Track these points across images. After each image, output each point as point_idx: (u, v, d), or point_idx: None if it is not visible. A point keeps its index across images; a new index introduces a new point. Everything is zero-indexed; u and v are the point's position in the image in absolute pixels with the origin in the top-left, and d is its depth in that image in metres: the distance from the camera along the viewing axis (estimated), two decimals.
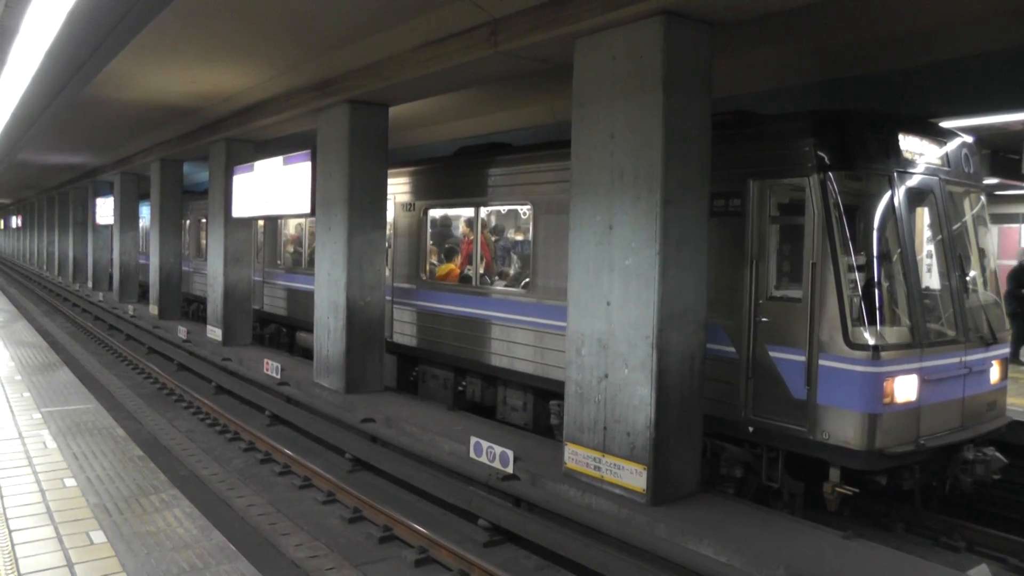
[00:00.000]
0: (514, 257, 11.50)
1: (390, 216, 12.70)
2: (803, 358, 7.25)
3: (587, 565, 6.63)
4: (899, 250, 7.39)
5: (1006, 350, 8.40)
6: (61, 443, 7.21)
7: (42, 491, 5.90)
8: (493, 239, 11.78)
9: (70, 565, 4.64)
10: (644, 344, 7.09)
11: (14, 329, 16.05)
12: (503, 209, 11.46)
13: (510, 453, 8.15)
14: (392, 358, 13.00)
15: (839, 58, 10.11)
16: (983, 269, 8.50)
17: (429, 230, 12.45)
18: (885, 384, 6.91)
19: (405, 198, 12.74)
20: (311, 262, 14.53)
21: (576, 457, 7.82)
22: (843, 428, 6.97)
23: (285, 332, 17.62)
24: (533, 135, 14.30)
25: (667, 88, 6.95)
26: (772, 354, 7.52)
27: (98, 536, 5.08)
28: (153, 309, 22.05)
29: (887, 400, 6.92)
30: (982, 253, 8.53)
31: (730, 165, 7.79)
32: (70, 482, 6.13)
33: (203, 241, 21.60)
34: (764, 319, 7.61)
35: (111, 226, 28.29)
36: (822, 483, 7.29)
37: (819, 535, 6.62)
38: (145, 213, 25.99)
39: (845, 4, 8.02)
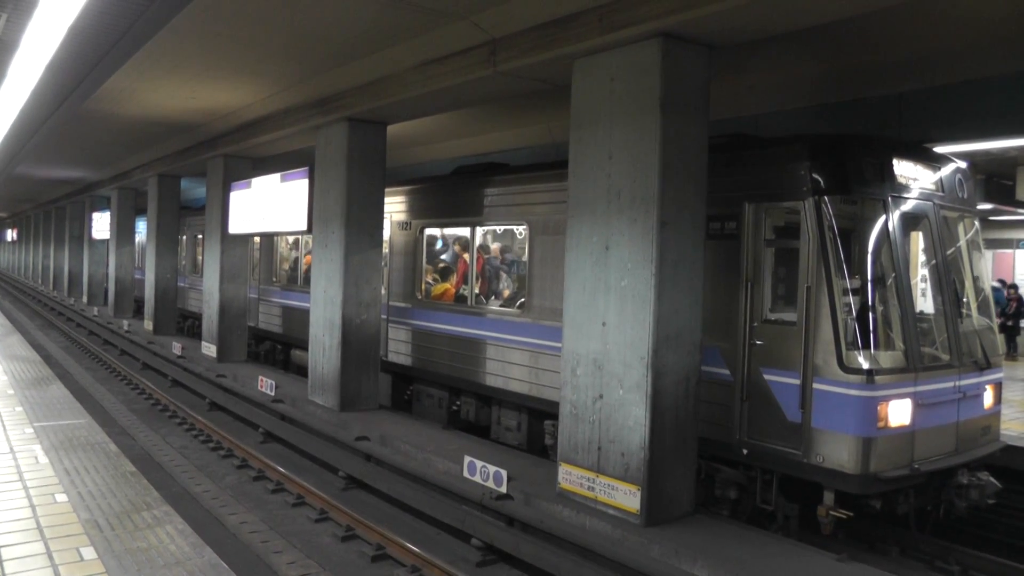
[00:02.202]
0: (510, 277, 11.51)
1: (387, 234, 12.71)
2: (798, 381, 7.25)
3: None
4: (893, 274, 7.42)
5: (1000, 374, 8.41)
6: (53, 458, 7.18)
7: (33, 506, 5.86)
8: (489, 258, 11.79)
9: None
10: (639, 365, 7.10)
11: (8, 343, 16.01)
12: (499, 229, 11.48)
13: (504, 472, 8.13)
14: (387, 377, 12.97)
15: (836, 82, 10.18)
16: (977, 293, 8.54)
17: (425, 249, 12.46)
18: (879, 408, 6.92)
19: (402, 217, 12.76)
20: (307, 279, 14.53)
21: (570, 477, 7.80)
22: (837, 451, 6.97)
23: (280, 349, 17.60)
24: (531, 155, 14.35)
25: (665, 110, 7.00)
26: (767, 377, 7.53)
27: (89, 552, 5.05)
28: (148, 324, 22.01)
29: (881, 424, 6.92)
30: (976, 279, 8.57)
31: (726, 188, 7.82)
32: (61, 497, 6.10)
33: (199, 257, 21.62)
34: (759, 342, 7.62)
35: (107, 241, 28.29)
36: (816, 506, 7.28)
37: (813, 558, 6.60)
38: (142, 228, 26.00)
39: (843, 30, 8.08)
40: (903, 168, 7.69)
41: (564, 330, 7.95)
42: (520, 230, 10.77)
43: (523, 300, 10.43)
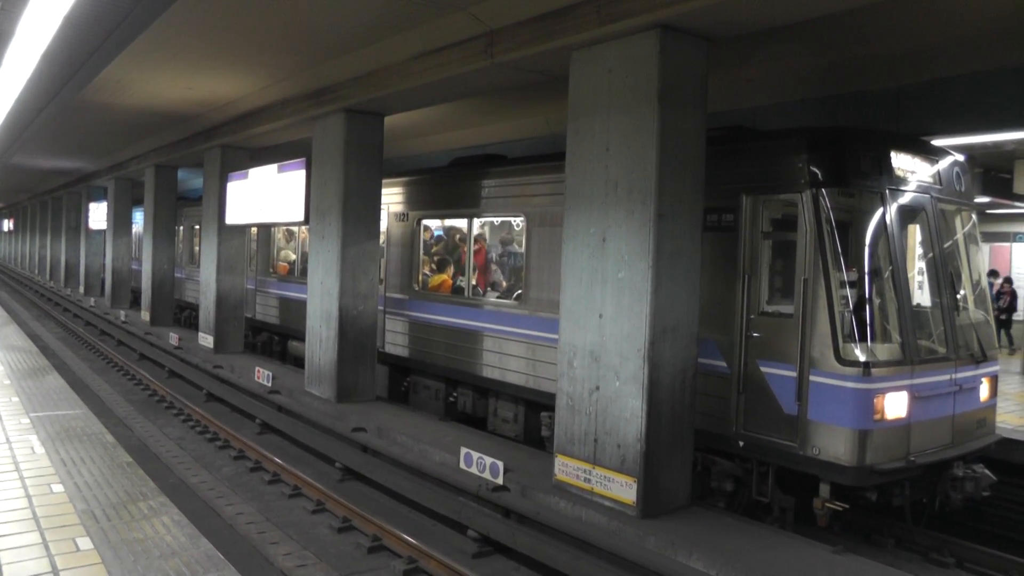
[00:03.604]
0: (507, 269, 11.51)
1: (384, 226, 12.70)
2: (794, 373, 7.26)
3: None
4: (890, 267, 7.42)
5: (996, 367, 8.43)
6: (49, 448, 7.17)
7: (29, 496, 5.85)
8: (486, 250, 11.79)
9: (56, 572, 4.61)
10: (636, 357, 7.10)
11: (4, 333, 15.97)
12: (497, 220, 11.47)
13: (500, 464, 8.14)
14: (384, 368, 12.97)
15: (834, 75, 10.17)
16: (974, 287, 8.54)
17: (422, 240, 12.45)
18: (875, 400, 6.93)
19: (399, 208, 12.74)
20: (303, 271, 14.52)
21: (566, 469, 7.81)
22: (833, 444, 6.98)
23: (277, 340, 17.58)
24: (528, 147, 14.32)
25: (662, 102, 6.98)
26: (763, 369, 7.54)
27: (85, 543, 5.04)
28: (145, 315, 21.99)
29: (877, 416, 6.94)
30: (975, 271, 8.58)
31: (724, 180, 7.81)
32: (57, 488, 6.09)
33: (196, 248, 21.58)
34: (756, 334, 7.63)
35: (104, 231, 28.22)
36: (812, 498, 7.30)
37: (809, 550, 6.61)
38: (139, 219, 25.94)
39: (841, 23, 8.07)
40: (901, 161, 7.68)
41: (561, 322, 7.95)
42: (518, 222, 10.76)
43: (520, 292, 10.43)
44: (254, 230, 17.75)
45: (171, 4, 8.59)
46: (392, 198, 12.81)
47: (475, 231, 11.46)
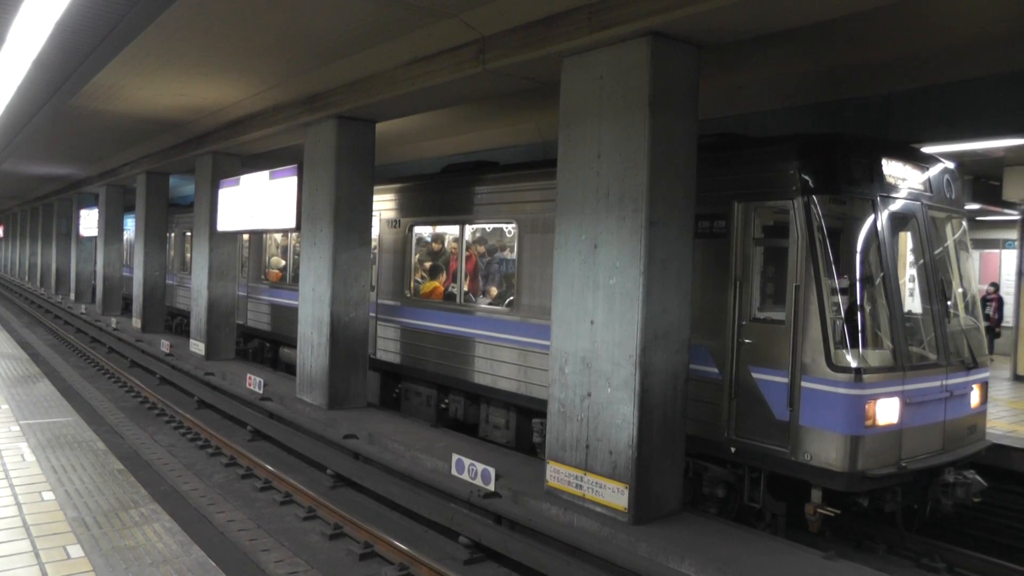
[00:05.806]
0: (499, 275, 11.51)
1: (375, 232, 12.70)
2: (786, 380, 7.28)
3: None
4: (882, 274, 7.46)
5: (986, 374, 8.46)
6: (40, 456, 7.13)
7: (19, 504, 5.83)
8: (478, 257, 11.79)
9: None
10: (627, 363, 7.11)
11: None
12: (489, 227, 11.48)
13: (492, 470, 8.13)
14: (375, 375, 12.96)
15: (825, 82, 10.22)
16: (964, 293, 8.58)
17: (414, 247, 12.45)
18: (867, 406, 6.95)
19: (391, 215, 12.74)
20: (295, 277, 14.50)
21: (558, 475, 7.81)
22: (825, 449, 7.00)
23: (268, 347, 17.55)
24: (520, 153, 14.34)
25: (653, 109, 7.01)
26: (755, 375, 7.55)
27: (75, 551, 5.02)
28: (136, 322, 21.92)
29: (869, 422, 6.95)
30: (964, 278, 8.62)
31: (715, 187, 7.84)
32: (48, 495, 6.06)
33: (188, 254, 21.55)
34: (747, 340, 7.64)
35: (95, 238, 28.15)
36: (804, 504, 7.31)
37: (801, 555, 6.62)
38: (130, 225, 25.88)
39: (832, 30, 8.11)
40: (892, 168, 7.72)
41: (552, 328, 7.96)
42: (509, 228, 10.77)
43: (512, 298, 10.43)
44: (245, 236, 17.72)
45: (164, 10, 8.59)
46: (384, 204, 12.81)
47: (467, 238, 11.46)
